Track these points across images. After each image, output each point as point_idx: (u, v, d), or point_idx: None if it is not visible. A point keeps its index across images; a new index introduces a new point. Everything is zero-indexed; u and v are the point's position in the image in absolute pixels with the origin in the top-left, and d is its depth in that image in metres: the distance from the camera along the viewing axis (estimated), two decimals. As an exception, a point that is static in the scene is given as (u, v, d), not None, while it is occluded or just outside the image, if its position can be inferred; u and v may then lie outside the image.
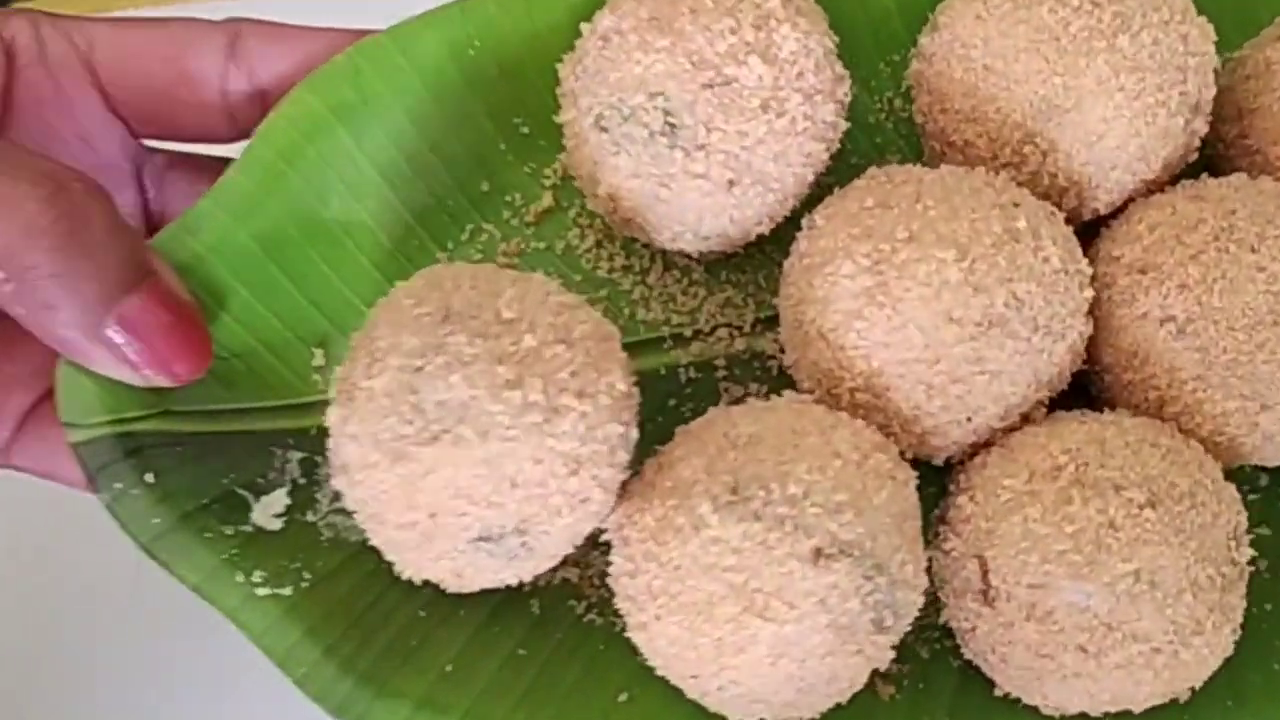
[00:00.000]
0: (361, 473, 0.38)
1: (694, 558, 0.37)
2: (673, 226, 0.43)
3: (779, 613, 0.36)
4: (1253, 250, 0.40)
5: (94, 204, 0.39)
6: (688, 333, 0.46)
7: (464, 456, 0.36)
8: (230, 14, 0.45)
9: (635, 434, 0.40)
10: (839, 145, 0.44)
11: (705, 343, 0.46)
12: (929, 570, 0.41)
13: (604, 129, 0.41)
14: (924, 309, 0.38)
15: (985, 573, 0.39)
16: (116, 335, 0.39)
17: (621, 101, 0.41)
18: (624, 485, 0.40)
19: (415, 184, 0.45)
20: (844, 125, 0.43)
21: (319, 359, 0.44)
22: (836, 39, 0.43)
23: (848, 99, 0.43)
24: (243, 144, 0.44)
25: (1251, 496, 0.46)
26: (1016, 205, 0.40)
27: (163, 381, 0.41)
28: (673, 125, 0.40)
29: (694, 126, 0.40)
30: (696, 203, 0.41)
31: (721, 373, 0.46)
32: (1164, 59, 0.42)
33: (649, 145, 0.41)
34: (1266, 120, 0.44)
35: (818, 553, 0.36)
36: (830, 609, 0.36)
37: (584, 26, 0.43)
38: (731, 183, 0.41)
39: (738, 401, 0.45)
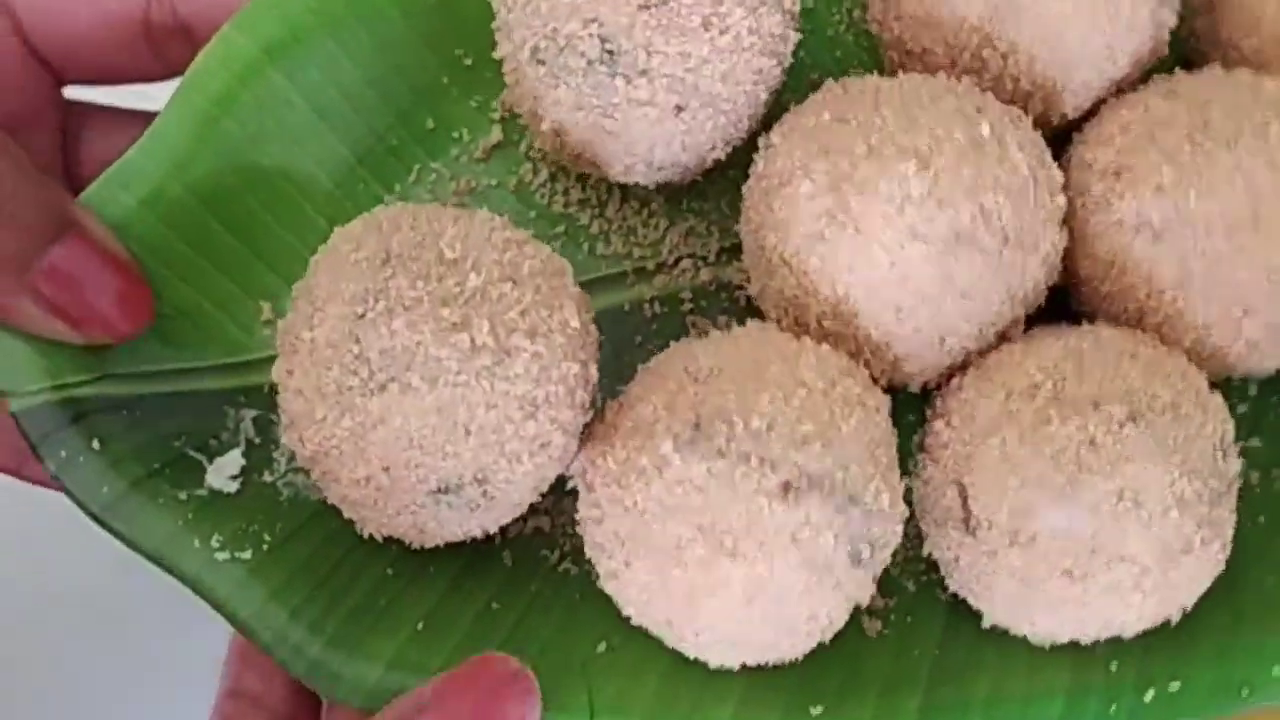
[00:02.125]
0: (310, 428, 0.37)
1: (659, 500, 0.36)
2: (623, 158, 0.42)
3: (749, 552, 0.36)
4: (1229, 147, 0.39)
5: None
6: (651, 266, 0.46)
7: (413, 405, 0.36)
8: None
9: (595, 373, 0.39)
10: (794, 60, 0.43)
11: (669, 275, 0.45)
12: (909, 500, 0.40)
13: (541, 61, 0.40)
14: (887, 227, 0.38)
15: (965, 500, 0.38)
16: (44, 289, 0.39)
17: (556, 31, 0.39)
18: (586, 427, 0.39)
19: (356, 124, 0.44)
20: (795, 37, 0.42)
21: (267, 313, 0.44)
22: None
23: (796, 8, 0.42)
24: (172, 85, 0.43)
25: (1241, 408, 0.45)
26: (980, 111, 0.39)
27: (103, 338, 0.40)
28: (611, 52, 0.39)
29: (633, 51, 0.39)
30: (645, 132, 0.40)
31: (688, 305, 0.45)
32: (1127, -55, 0.41)
33: (589, 75, 0.40)
34: (1237, 10, 0.43)
35: (786, 487, 0.36)
36: (803, 545, 0.36)
37: None
38: (679, 107, 0.40)
39: (704, 335, 0.44)
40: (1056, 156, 0.42)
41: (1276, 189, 0.38)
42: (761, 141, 0.41)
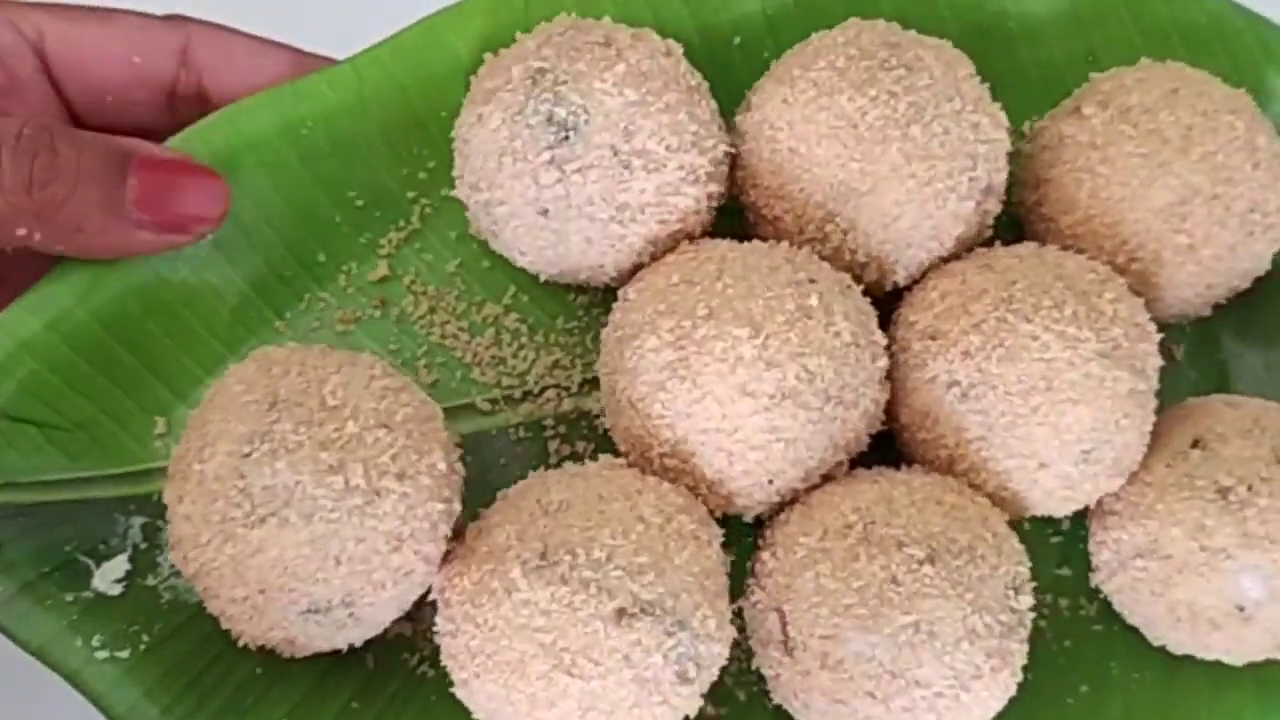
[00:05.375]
0: (194, 550, 0.43)
1: (507, 619, 0.42)
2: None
3: (585, 669, 0.42)
4: (1028, 320, 0.45)
5: (45, 131, 0.44)
6: (517, 394, 0.52)
7: (289, 538, 0.42)
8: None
9: (458, 507, 0.45)
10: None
11: (535, 403, 0.52)
12: (743, 620, 0.46)
13: None
14: (721, 383, 0.44)
15: (784, 624, 0.45)
16: (142, 217, 0.45)
17: None
18: (448, 549, 0.45)
19: (252, 256, 0.50)
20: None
21: (161, 427, 0.49)
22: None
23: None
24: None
25: (1054, 539, 0.52)
26: (812, 282, 0.46)
27: (207, 230, 0.47)
28: None
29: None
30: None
31: (550, 432, 0.51)
32: (955, 147, 0.47)
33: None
34: (1058, 190, 0.50)
35: (621, 613, 0.42)
36: (634, 664, 0.42)
37: None
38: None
39: (565, 459, 0.50)
40: (889, 314, 0.49)
41: (1069, 359, 0.45)
42: (620, 294, 0.48)
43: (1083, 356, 0.45)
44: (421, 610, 0.48)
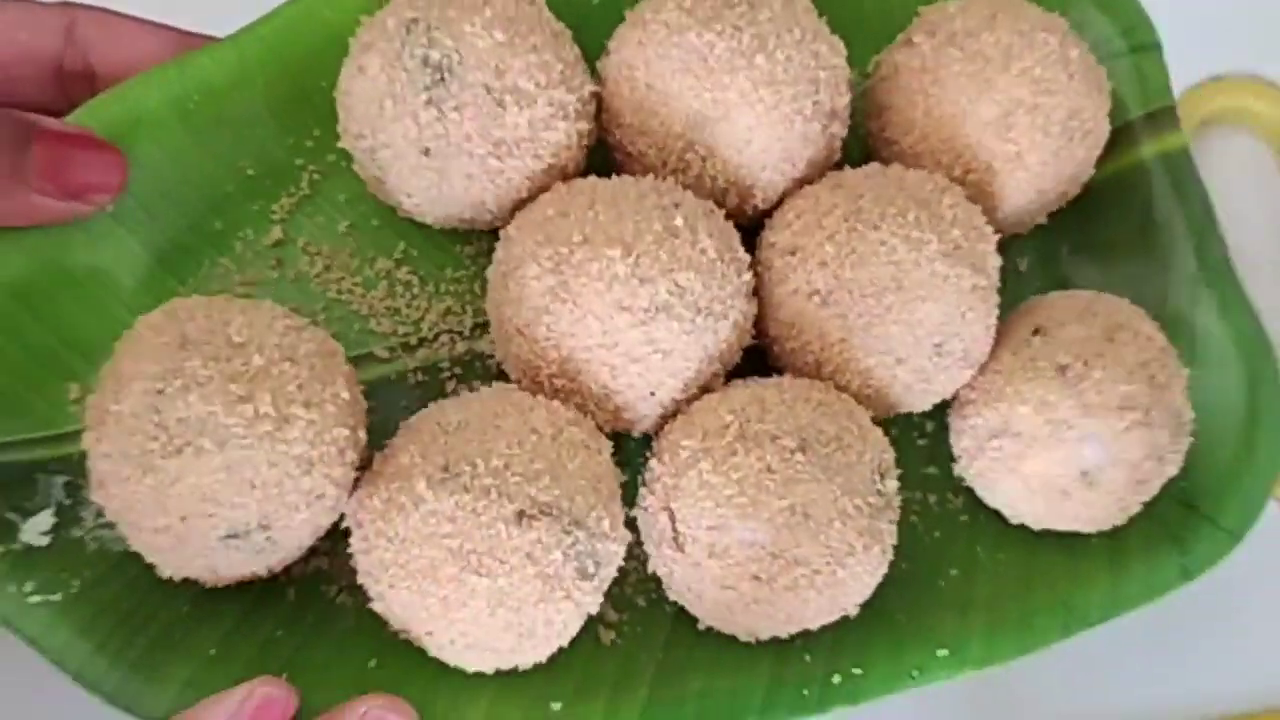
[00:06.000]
0: (116, 486, 0.46)
1: (416, 529, 0.46)
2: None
3: (492, 568, 0.45)
4: (875, 228, 0.50)
5: None
6: (413, 341, 0.55)
7: (206, 465, 0.45)
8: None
9: (364, 435, 0.48)
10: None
11: (430, 349, 0.55)
12: (635, 526, 0.50)
13: None
14: (599, 300, 0.48)
15: (674, 522, 0.49)
16: (43, 184, 0.49)
17: None
18: (357, 478, 0.48)
19: (150, 227, 0.53)
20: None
21: (75, 393, 0.52)
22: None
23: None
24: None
25: (920, 441, 0.56)
26: (677, 205, 0.50)
27: (106, 200, 0.51)
28: None
29: None
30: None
31: (446, 374, 0.55)
32: (797, 73, 0.52)
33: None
34: (897, 115, 0.55)
35: (520, 514, 0.45)
36: (537, 561, 0.46)
37: None
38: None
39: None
40: (751, 241, 0.53)
41: (915, 260, 0.50)
42: (501, 233, 0.52)
43: (927, 257, 0.50)
44: (338, 544, 0.51)
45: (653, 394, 0.50)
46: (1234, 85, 0.76)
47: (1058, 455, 0.50)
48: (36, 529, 0.50)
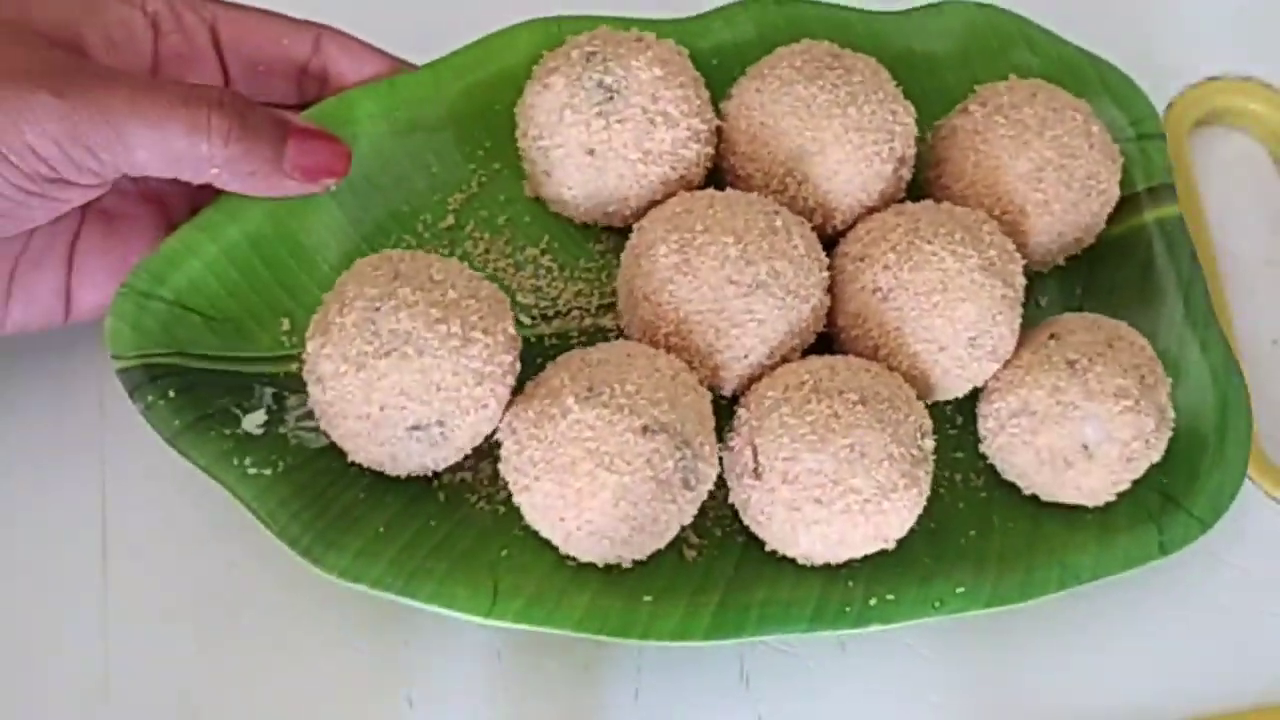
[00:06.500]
0: (333, 380, 0.59)
1: (563, 434, 0.58)
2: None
3: (619, 468, 0.58)
4: (929, 242, 0.63)
5: (238, 100, 0.61)
6: (550, 314, 0.69)
7: (406, 366, 0.58)
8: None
9: (519, 367, 0.62)
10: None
11: (563, 320, 0.69)
12: (721, 463, 0.63)
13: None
14: (714, 275, 0.61)
15: (755, 455, 0.62)
16: (298, 171, 0.63)
17: None
18: (510, 400, 0.62)
19: (355, 205, 0.67)
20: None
21: (286, 326, 0.66)
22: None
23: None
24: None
25: (951, 432, 0.69)
26: (776, 213, 0.64)
27: (333, 184, 0.65)
28: None
29: None
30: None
31: (575, 341, 0.68)
32: (878, 124, 0.66)
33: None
34: (952, 165, 0.69)
35: (645, 428, 0.58)
36: (654, 466, 0.58)
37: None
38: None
39: (589, 352, 0.67)
40: (828, 252, 0.67)
41: (958, 269, 0.63)
42: (635, 226, 0.66)
43: (969, 268, 0.63)
44: (479, 465, 0.64)
45: (746, 357, 0.63)
46: (1230, 86, 0.82)
47: (1064, 430, 0.63)
48: (254, 422, 0.63)
